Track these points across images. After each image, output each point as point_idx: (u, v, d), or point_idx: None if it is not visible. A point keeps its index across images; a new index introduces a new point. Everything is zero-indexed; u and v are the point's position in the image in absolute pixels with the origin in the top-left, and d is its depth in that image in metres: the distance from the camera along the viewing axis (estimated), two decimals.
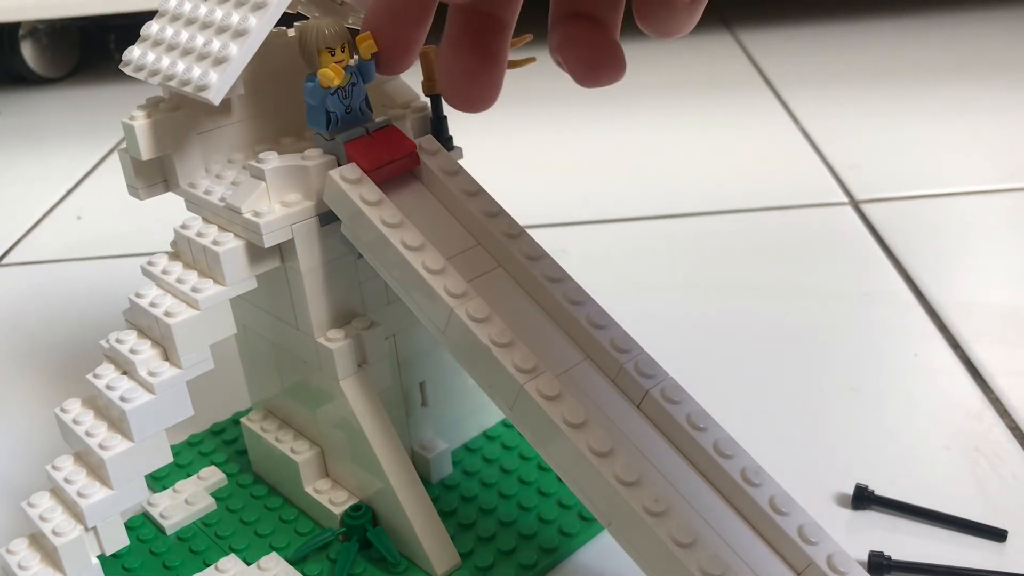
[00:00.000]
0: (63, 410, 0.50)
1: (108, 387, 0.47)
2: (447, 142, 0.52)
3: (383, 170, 0.47)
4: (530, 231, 0.47)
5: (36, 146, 1.31)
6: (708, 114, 1.23)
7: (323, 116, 0.46)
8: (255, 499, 0.57)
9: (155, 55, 0.47)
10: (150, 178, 0.51)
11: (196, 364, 0.47)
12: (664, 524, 0.38)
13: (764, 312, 0.76)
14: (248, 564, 0.52)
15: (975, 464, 0.58)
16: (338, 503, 0.54)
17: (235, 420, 0.65)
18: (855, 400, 0.64)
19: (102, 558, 0.50)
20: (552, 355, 0.43)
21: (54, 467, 0.49)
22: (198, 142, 0.50)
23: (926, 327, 0.72)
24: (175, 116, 0.48)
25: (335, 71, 0.44)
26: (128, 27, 1.58)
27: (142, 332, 0.48)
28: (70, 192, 1.13)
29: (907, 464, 0.58)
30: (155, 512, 0.56)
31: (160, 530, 0.56)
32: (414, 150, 0.48)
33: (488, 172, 0.54)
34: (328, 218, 0.47)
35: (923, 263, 0.80)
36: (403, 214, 0.45)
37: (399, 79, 0.52)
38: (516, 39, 0.48)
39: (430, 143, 0.49)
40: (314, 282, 0.49)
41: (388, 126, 0.47)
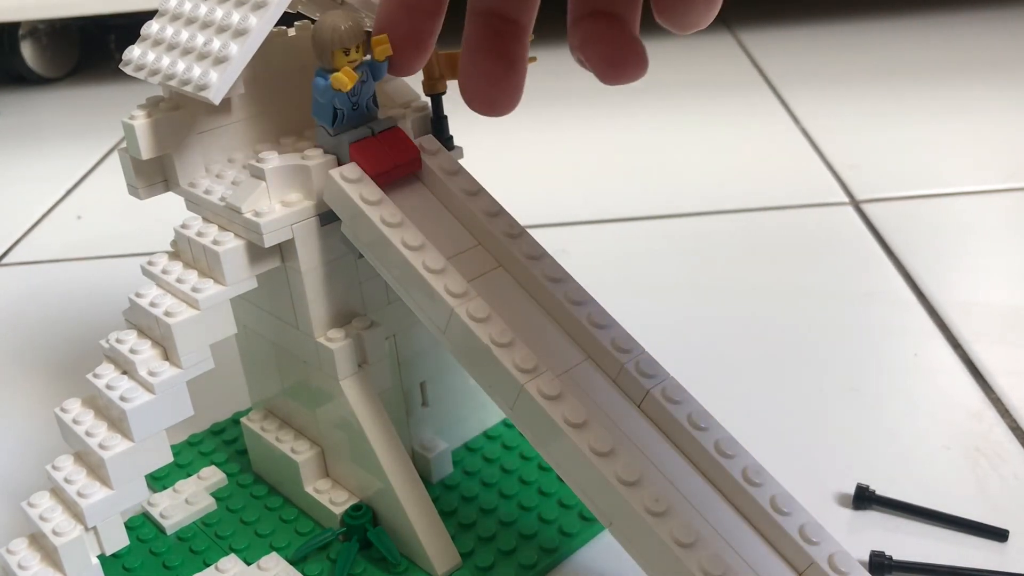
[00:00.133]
0: (63, 410, 0.50)
1: (108, 387, 0.47)
2: (447, 142, 0.52)
3: (387, 175, 0.46)
4: (530, 231, 0.47)
5: (36, 146, 1.31)
6: (708, 114, 1.23)
7: (330, 112, 0.45)
8: (255, 499, 0.57)
9: (155, 55, 0.47)
10: (150, 178, 0.50)
11: (196, 364, 0.47)
12: (665, 524, 0.38)
13: (764, 312, 0.76)
14: (248, 564, 0.52)
15: (976, 464, 0.57)
16: (338, 503, 0.54)
17: (235, 420, 0.65)
18: (855, 400, 0.64)
19: (102, 558, 0.50)
20: (553, 355, 0.43)
21: (54, 467, 0.49)
22: (198, 142, 0.50)
23: (926, 327, 0.72)
24: (175, 116, 0.48)
25: (348, 76, 0.43)
26: (128, 27, 1.58)
27: (142, 332, 0.48)
28: (70, 192, 1.13)
29: (908, 464, 0.58)
30: (155, 512, 0.56)
31: (160, 530, 0.56)
32: (418, 155, 0.47)
33: (488, 172, 0.54)
34: (328, 218, 0.47)
35: (923, 263, 0.80)
36: (403, 214, 0.45)
37: (400, 79, 0.52)
38: None
39: (430, 143, 0.49)
40: (314, 282, 0.49)
41: (393, 128, 0.47)
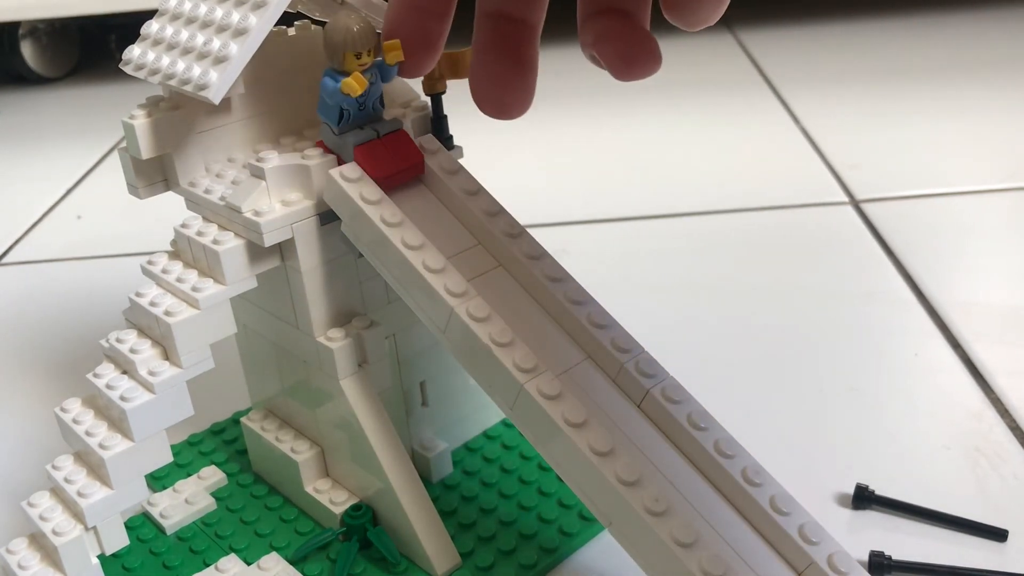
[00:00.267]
0: (63, 409, 0.50)
1: (108, 386, 0.47)
2: (447, 141, 0.52)
3: (390, 179, 0.46)
4: (530, 230, 0.47)
5: (36, 146, 1.31)
6: (708, 114, 1.23)
7: (336, 113, 0.45)
8: (255, 499, 0.57)
9: (155, 54, 0.47)
10: (150, 177, 0.50)
11: (196, 363, 0.47)
12: (665, 524, 0.38)
13: (764, 312, 0.76)
14: (248, 564, 0.52)
15: (975, 464, 0.57)
16: (338, 503, 0.54)
17: (235, 420, 0.65)
18: (855, 400, 0.64)
19: (102, 558, 0.50)
20: (553, 354, 0.43)
21: (54, 467, 0.49)
22: (198, 141, 0.50)
23: (926, 327, 0.72)
24: (175, 115, 0.48)
25: (359, 82, 0.42)
26: (128, 26, 1.58)
27: (142, 331, 0.48)
28: (70, 191, 1.13)
29: (907, 464, 0.58)
30: (155, 512, 0.56)
31: (160, 530, 0.56)
32: (421, 159, 0.47)
33: (488, 171, 0.54)
34: (328, 217, 0.47)
35: (923, 263, 0.80)
36: (403, 213, 0.45)
37: (400, 79, 0.52)
38: None
39: (430, 142, 0.49)
40: (314, 281, 0.49)
41: (398, 131, 0.47)
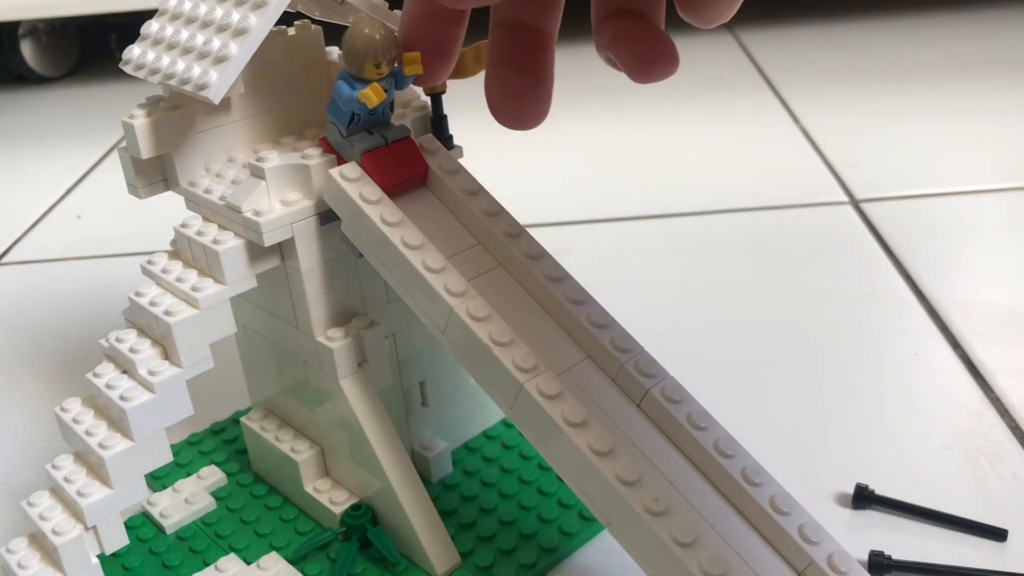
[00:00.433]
0: (63, 409, 0.50)
1: (108, 386, 0.47)
2: (447, 141, 0.52)
3: (395, 187, 0.46)
4: (530, 230, 0.47)
5: (36, 145, 1.31)
6: (708, 114, 1.23)
7: (347, 117, 0.45)
8: (255, 498, 0.57)
9: (155, 54, 0.47)
10: (150, 177, 0.50)
11: (196, 363, 0.47)
12: (665, 524, 0.38)
13: (764, 311, 0.76)
14: (248, 563, 0.52)
15: (975, 464, 0.57)
16: (338, 502, 0.54)
17: (235, 419, 0.65)
18: (855, 400, 0.64)
19: (102, 557, 0.50)
20: (552, 354, 0.43)
21: (54, 466, 0.49)
22: (198, 141, 0.50)
23: (926, 327, 0.72)
24: (175, 115, 0.48)
25: (377, 94, 0.42)
26: (128, 26, 1.58)
27: (142, 331, 0.48)
28: (70, 191, 1.13)
29: (907, 464, 0.58)
30: (155, 511, 0.56)
31: (160, 529, 0.56)
32: (427, 169, 0.47)
33: (488, 171, 0.54)
34: (328, 217, 0.47)
35: (923, 263, 0.80)
36: (403, 213, 0.45)
37: None
38: None
39: (430, 142, 0.49)
40: (314, 281, 0.49)
41: (406, 139, 0.47)
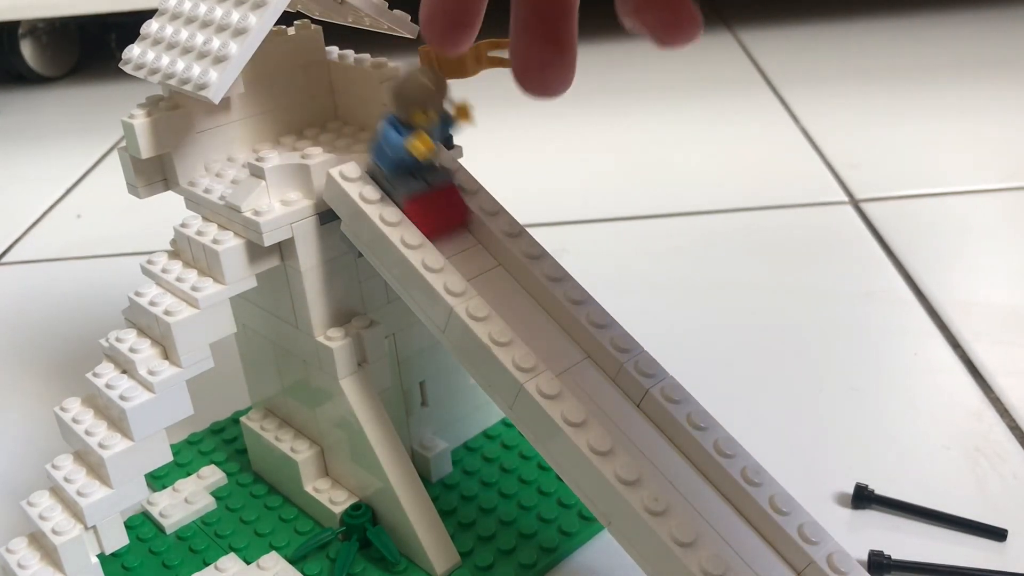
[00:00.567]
0: (63, 409, 0.50)
1: (108, 386, 0.47)
2: (447, 141, 0.52)
3: (437, 233, 0.45)
4: (530, 230, 0.47)
5: (36, 145, 1.31)
6: (708, 114, 1.23)
7: (394, 163, 0.44)
8: (255, 498, 0.57)
9: (155, 54, 0.47)
10: (150, 176, 0.51)
11: (196, 363, 0.47)
12: (664, 523, 0.38)
13: (764, 311, 0.76)
14: (248, 563, 0.52)
15: (975, 464, 0.57)
16: (338, 502, 0.54)
17: (235, 419, 0.65)
18: (855, 400, 0.64)
19: (101, 557, 0.50)
20: (552, 354, 0.43)
21: (54, 466, 0.49)
22: (198, 141, 0.50)
23: (926, 326, 0.72)
24: (175, 115, 0.48)
25: (427, 145, 0.42)
26: (128, 26, 1.58)
27: (142, 331, 0.48)
28: (70, 191, 1.13)
29: (907, 464, 0.58)
30: (155, 511, 0.56)
31: (160, 529, 0.56)
32: (467, 214, 0.47)
33: (488, 171, 0.54)
34: (328, 217, 0.47)
35: (923, 263, 0.80)
36: (402, 213, 0.45)
37: None
38: None
39: None
40: (314, 281, 0.49)
41: (448, 187, 0.46)
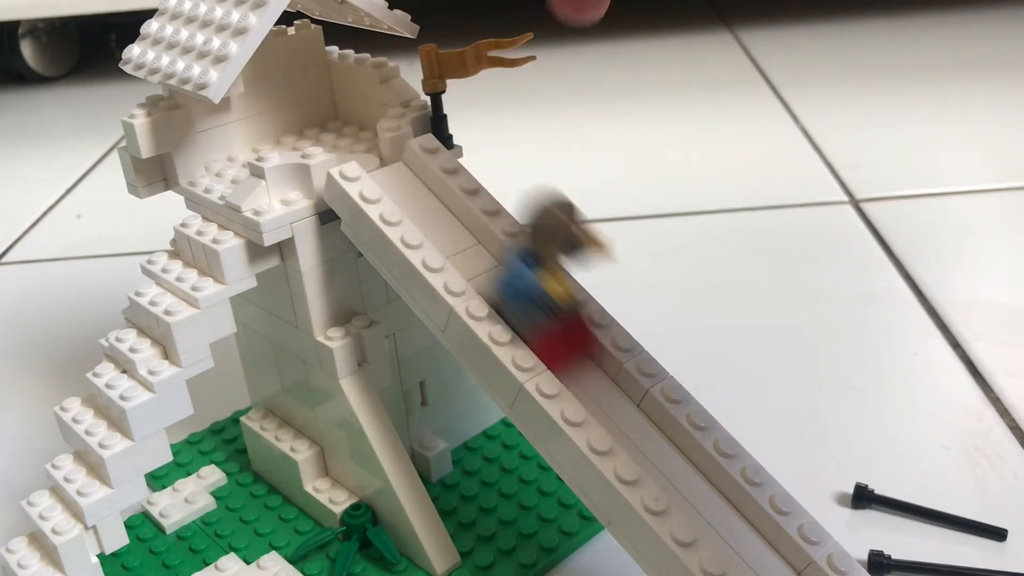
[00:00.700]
0: (63, 408, 0.50)
1: (108, 386, 0.47)
2: (447, 141, 0.52)
3: (564, 366, 0.43)
4: None
5: (36, 145, 1.31)
6: (708, 114, 1.23)
7: (522, 299, 0.42)
8: (255, 498, 0.57)
9: (155, 53, 0.47)
10: (150, 176, 0.51)
11: (196, 363, 0.47)
12: (664, 523, 0.38)
13: (764, 311, 0.76)
14: (248, 563, 0.52)
15: (975, 463, 0.57)
16: (338, 502, 0.54)
17: (235, 419, 0.65)
18: (855, 400, 0.64)
19: (101, 557, 0.50)
20: None
21: (54, 466, 0.49)
22: (198, 140, 0.50)
23: (926, 326, 0.72)
24: (175, 114, 0.48)
25: (564, 288, 0.41)
26: (128, 25, 1.58)
27: (142, 331, 0.48)
28: (70, 191, 1.13)
29: (907, 463, 0.58)
30: (155, 511, 0.56)
31: (160, 529, 0.56)
32: (595, 346, 0.44)
33: (488, 170, 0.54)
34: (328, 216, 0.47)
35: (923, 263, 0.80)
36: (403, 212, 0.45)
37: (400, 78, 0.52)
38: (516, 38, 0.48)
39: (430, 142, 0.49)
40: (314, 281, 0.49)
41: (578, 320, 0.44)
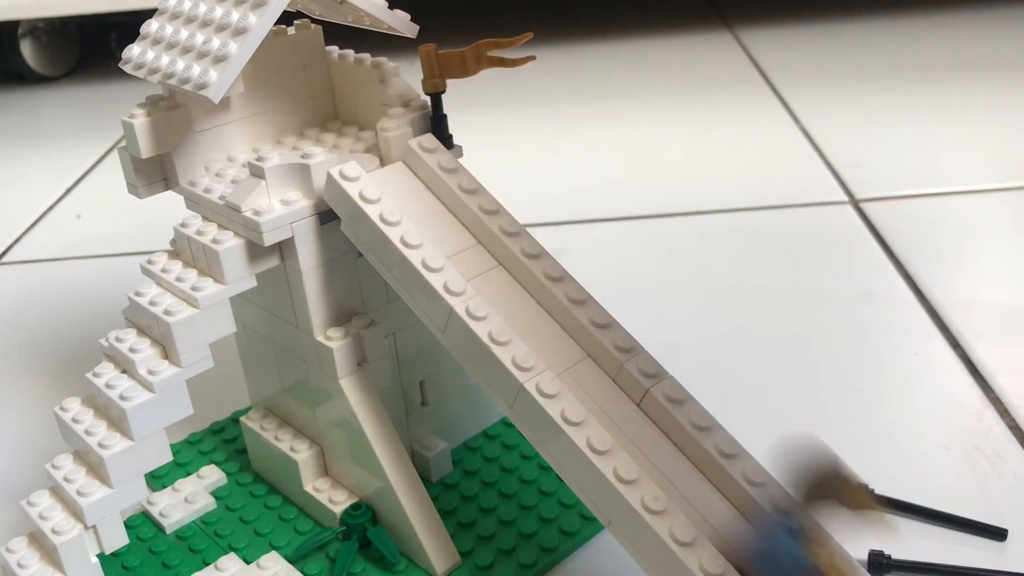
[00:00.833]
0: (63, 408, 0.50)
1: (108, 386, 0.47)
2: (447, 140, 0.52)
3: None
4: (530, 229, 0.47)
5: (36, 145, 1.31)
6: (708, 114, 1.23)
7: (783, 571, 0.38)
8: (255, 498, 0.57)
9: (155, 53, 0.47)
10: (150, 176, 0.51)
11: (196, 363, 0.47)
12: (664, 522, 0.38)
13: (764, 311, 0.76)
14: (248, 563, 0.52)
15: (975, 463, 0.57)
16: (338, 502, 0.54)
17: (235, 419, 0.65)
18: (855, 400, 0.64)
19: (101, 557, 0.50)
20: (552, 353, 0.43)
21: (53, 466, 0.49)
22: (198, 140, 0.50)
23: (926, 326, 0.72)
24: (175, 114, 0.48)
25: (832, 559, 0.36)
26: (128, 25, 1.58)
27: (142, 331, 0.48)
28: (70, 190, 1.13)
29: (907, 463, 0.58)
30: (154, 511, 0.56)
31: (159, 529, 0.56)
32: None
33: (488, 170, 0.54)
34: (328, 216, 0.47)
35: (923, 263, 0.80)
36: (403, 212, 0.45)
37: (400, 78, 0.52)
38: (516, 38, 0.48)
39: (430, 141, 0.49)
40: (314, 281, 0.49)
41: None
